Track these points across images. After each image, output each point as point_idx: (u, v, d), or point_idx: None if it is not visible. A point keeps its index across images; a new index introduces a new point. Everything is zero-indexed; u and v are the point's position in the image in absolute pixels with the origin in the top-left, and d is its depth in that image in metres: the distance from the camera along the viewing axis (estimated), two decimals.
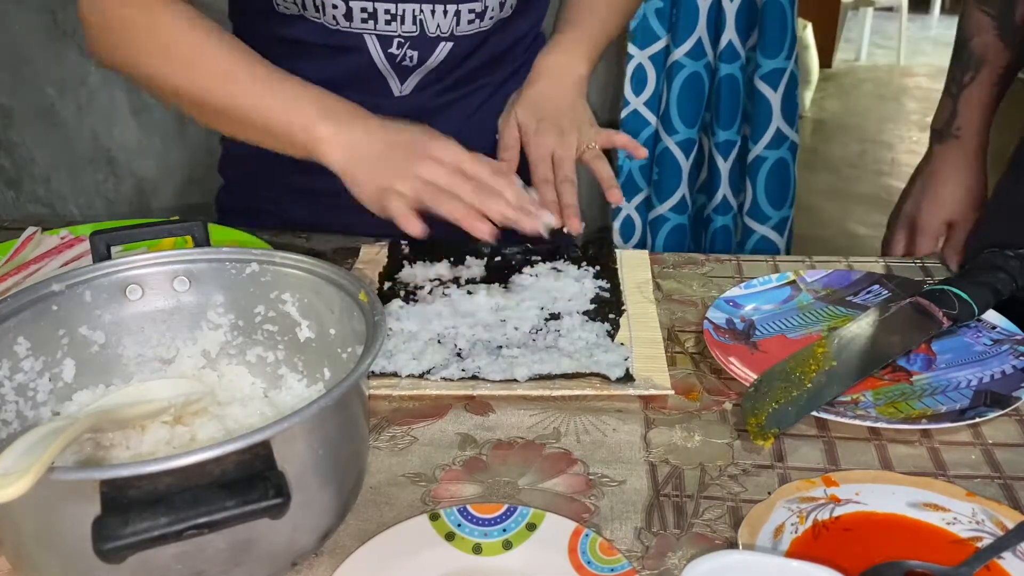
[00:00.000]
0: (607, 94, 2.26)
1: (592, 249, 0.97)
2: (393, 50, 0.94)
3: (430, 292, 0.89)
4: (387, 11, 0.91)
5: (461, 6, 0.92)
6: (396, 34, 0.93)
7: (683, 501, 0.66)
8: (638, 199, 2.17)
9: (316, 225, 1.05)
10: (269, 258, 0.71)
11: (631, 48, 2.03)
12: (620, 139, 0.94)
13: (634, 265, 0.96)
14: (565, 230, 0.86)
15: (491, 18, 0.95)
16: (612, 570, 0.58)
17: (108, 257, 0.69)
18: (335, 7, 0.90)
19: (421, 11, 0.91)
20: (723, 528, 0.63)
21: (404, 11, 0.91)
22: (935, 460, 0.70)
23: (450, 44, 0.95)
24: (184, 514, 0.45)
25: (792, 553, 0.59)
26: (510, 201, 0.79)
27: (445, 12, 0.92)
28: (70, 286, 0.66)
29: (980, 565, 0.58)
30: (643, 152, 0.94)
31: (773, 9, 1.96)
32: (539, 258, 0.95)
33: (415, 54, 0.94)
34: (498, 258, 0.95)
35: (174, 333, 0.71)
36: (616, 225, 2.20)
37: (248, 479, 0.47)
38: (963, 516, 0.62)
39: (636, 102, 2.07)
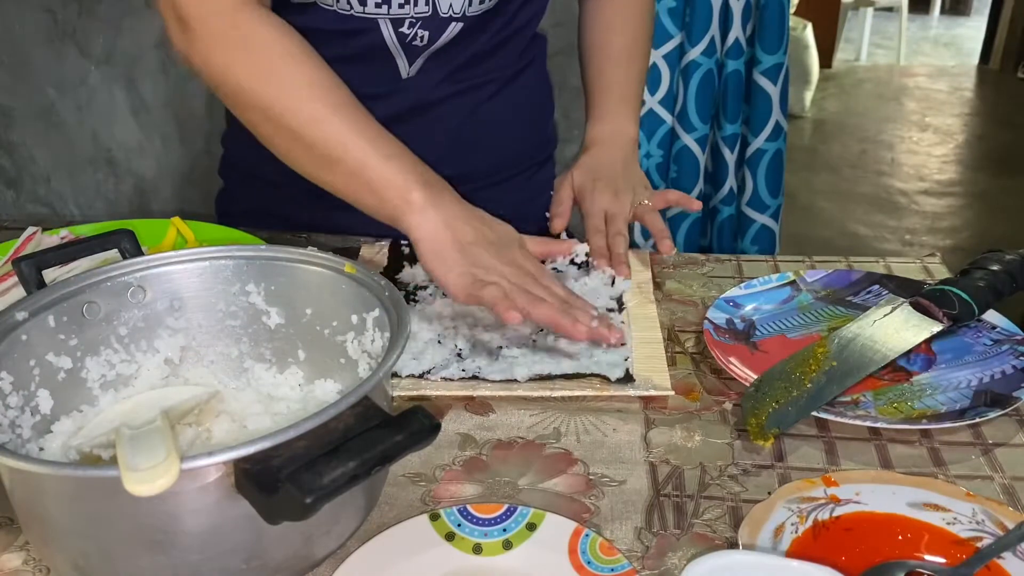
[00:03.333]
0: None
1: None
2: (404, 29, 0.95)
3: (430, 292, 0.89)
4: None
5: None
6: (408, 15, 0.93)
7: (683, 501, 0.66)
8: None
9: (315, 226, 1.05)
10: (227, 253, 0.71)
11: None
12: (673, 196, 1.00)
13: (634, 265, 0.96)
14: (617, 277, 0.91)
15: None
16: (612, 570, 0.58)
17: (42, 282, 0.67)
18: None
19: None
20: (723, 528, 0.63)
21: None
22: (935, 460, 0.70)
23: (460, 24, 0.96)
24: (366, 455, 0.49)
25: (792, 553, 0.59)
26: (591, 314, 0.77)
27: None
28: (34, 312, 0.64)
29: (980, 565, 0.58)
30: (697, 205, 0.99)
31: (773, 5, 1.99)
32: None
33: (426, 34, 0.95)
34: None
35: (135, 346, 0.70)
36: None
37: (401, 416, 0.52)
38: (963, 516, 0.62)
39: (651, 101, 2.09)
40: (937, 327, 0.82)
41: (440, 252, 0.77)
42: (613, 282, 0.91)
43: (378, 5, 0.92)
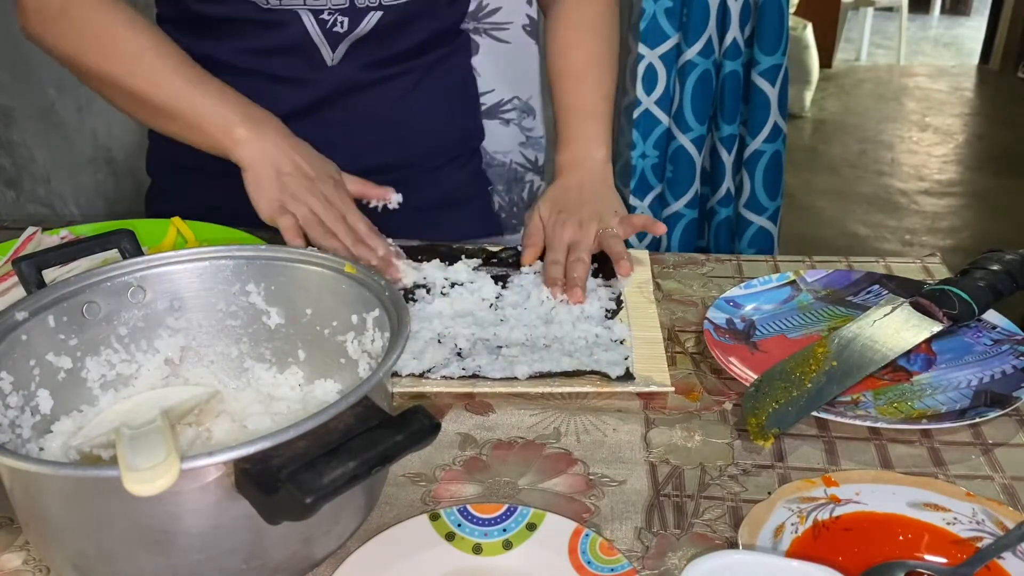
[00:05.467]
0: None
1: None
2: (324, 16, 0.96)
3: (429, 291, 0.89)
4: None
5: None
6: (326, 6, 0.95)
7: (683, 501, 0.66)
8: (651, 197, 2.18)
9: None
10: (227, 253, 0.71)
11: (641, 48, 2.04)
12: (639, 221, 0.96)
13: (634, 265, 0.96)
14: (566, 302, 0.87)
15: None
16: (612, 570, 0.58)
17: (42, 282, 0.66)
18: None
19: None
20: (723, 528, 0.63)
21: None
22: (935, 460, 0.70)
23: (379, 13, 0.97)
24: (366, 455, 0.49)
25: (792, 553, 0.59)
26: (378, 254, 0.87)
27: None
28: (34, 312, 0.64)
29: (980, 565, 0.58)
30: (661, 229, 0.96)
31: (771, 6, 1.98)
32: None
33: (345, 20, 0.97)
34: (494, 260, 0.96)
35: (135, 346, 0.70)
36: None
37: (401, 416, 0.51)
38: (963, 516, 0.62)
39: (647, 101, 2.09)
40: (937, 327, 0.82)
41: (258, 180, 0.87)
42: (609, 280, 0.91)
43: None
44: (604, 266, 0.94)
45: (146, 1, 1.02)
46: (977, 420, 0.72)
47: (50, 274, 0.68)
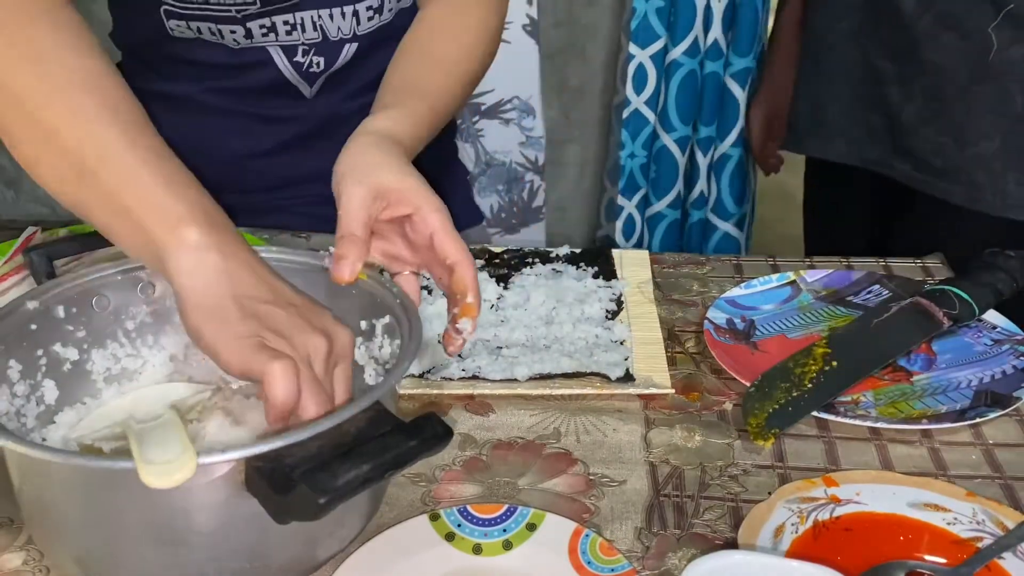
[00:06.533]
0: (605, 96, 2.26)
1: (588, 256, 0.97)
2: (299, 58, 0.92)
3: (430, 292, 0.89)
4: (286, 22, 0.88)
5: (358, 5, 0.90)
6: (299, 42, 0.91)
7: (683, 501, 0.66)
8: (638, 197, 2.18)
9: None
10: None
11: (632, 48, 2.04)
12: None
13: (634, 265, 0.96)
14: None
15: (390, 10, 0.93)
16: (612, 570, 0.58)
17: (52, 272, 0.66)
18: (233, 32, 0.88)
19: (319, 16, 0.89)
20: (723, 528, 0.63)
21: (303, 19, 0.89)
22: (935, 460, 0.70)
23: (355, 45, 0.93)
24: (380, 459, 0.49)
25: (792, 553, 0.59)
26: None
27: (343, 14, 0.90)
28: (44, 302, 0.64)
29: (980, 565, 0.58)
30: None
31: (747, 8, 1.98)
32: (536, 260, 0.95)
33: (321, 59, 0.93)
34: (496, 261, 0.96)
35: (142, 340, 0.70)
36: (619, 224, 2.21)
37: (414, 422, 0.52)
38: (963, 516, 0.62)
39: (637, 101, 2.08)
40: (937, 327, 0.82)
41: (207, 305, 0.56)
42: (609, 280, 0.91)
43: (264, 35, 0.89)
44: (604, 267, 0.94)
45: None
46: (977, 420, 0.72)
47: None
